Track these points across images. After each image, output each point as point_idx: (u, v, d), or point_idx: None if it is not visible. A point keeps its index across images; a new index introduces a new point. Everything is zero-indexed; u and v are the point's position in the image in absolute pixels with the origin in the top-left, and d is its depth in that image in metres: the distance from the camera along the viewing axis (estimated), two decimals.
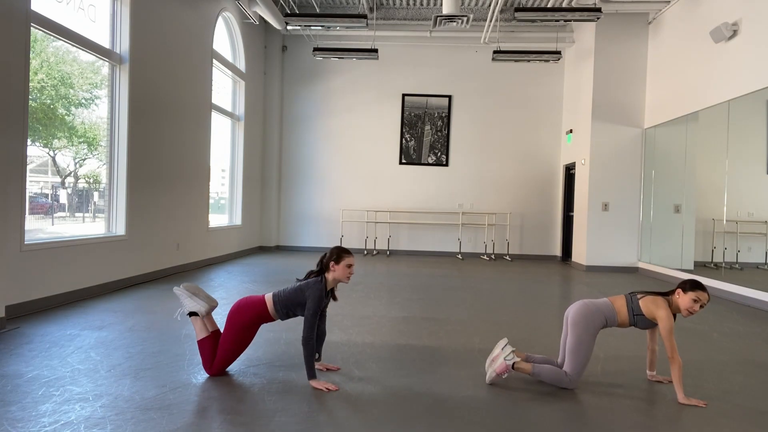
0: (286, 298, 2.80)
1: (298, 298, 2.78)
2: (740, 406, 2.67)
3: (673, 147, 7.63)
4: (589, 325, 2.76)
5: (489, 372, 2.87)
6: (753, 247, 5.79)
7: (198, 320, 2.88)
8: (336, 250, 2.82)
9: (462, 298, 5.62)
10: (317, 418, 2.34)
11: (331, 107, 10.55)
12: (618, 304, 2.82)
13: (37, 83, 4.62)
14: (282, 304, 2.80)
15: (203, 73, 7.45)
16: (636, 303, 2.79)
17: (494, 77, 10.44)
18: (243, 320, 2.81)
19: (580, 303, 2.87)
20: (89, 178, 5.46)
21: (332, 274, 2.79)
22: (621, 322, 2.81)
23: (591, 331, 2.76)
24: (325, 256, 2.83)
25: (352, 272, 2.91)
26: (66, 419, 2.25)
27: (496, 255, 10.54)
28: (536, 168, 10.48)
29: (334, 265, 2.78)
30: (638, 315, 2.77)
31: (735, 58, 6.19)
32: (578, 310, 2.82)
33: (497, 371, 2.80)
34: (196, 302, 2.88)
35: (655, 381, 3.03)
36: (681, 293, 2.73)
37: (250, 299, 2.86)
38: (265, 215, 10.44)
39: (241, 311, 2.82)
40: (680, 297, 2.72)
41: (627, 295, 2.86)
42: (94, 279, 5.14)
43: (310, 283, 2.78)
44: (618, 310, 2.80)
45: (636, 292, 2.85)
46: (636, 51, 8.57)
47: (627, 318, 2.79)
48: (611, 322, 2.81)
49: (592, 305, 2.82)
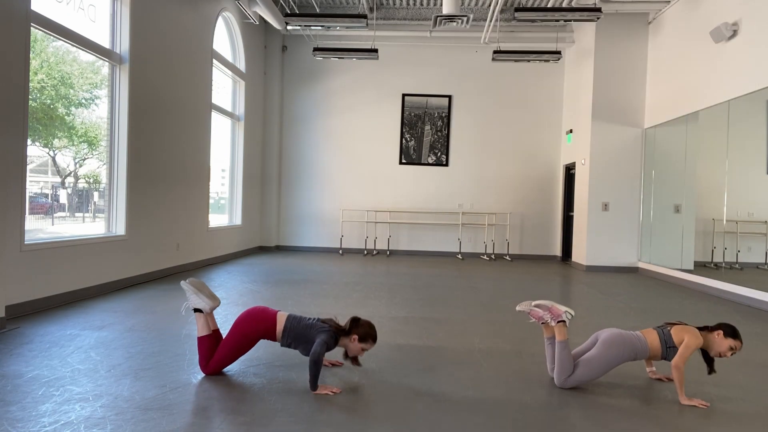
0: (297, 330, 2.78)
1: (309, 336, 2.76)
2: (740, 406, 2.67)
3: (673, 147, 7.63)
4: (618, 353, 2.74)
5: (535, 303, 2.91)
6: (753, 247, 5.79)
7: (201, 317, 2.89)
8: (368, 329, 2.82)
9: (462, 298, 5.62)
10: (317, 418, 2.34)
11: (331, 107, 10.55)
12: (650, 337, 2.78)
13: (37, 83, 4.62)
14: (291, 333, 2.79)
15: (203, 73, 7.45)
16: (668, 335, 2.75)
17: (494, 77, 10.44)
18: (248, 331, 2.82)
19: (617, 330, 2.84)
20: (89, 178, 5.46)
21: (347, 341, 2.81)
22: (652, 356, 2.79)
23: (615, 360, 2.75)
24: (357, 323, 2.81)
25: (362, 355, 2.94)
26: (66, 419, 2.25)
27: (496, 255, 10.54)
28: (536, 168, 10.48)
29: (355, 339, 2.79)
30: (671, 347, 2.73)
31: (735, 58, 6.19)
32: (614, 335, 2.79)
33: (551, 310, 2.85)
34: (201, 299, 2.89)
35: (656, 378, 3.04)
36: (722, 336, 2.68)
37: (262, 312, 2.86)
38: (265, 215, 10.44)
39: (249, 321, 2.83)
40: (719, 339, 2.68)
41: (658, 328, 2.83)
42: (94, 279, 5.14)
43: (325, 329, 2.76)
44: (650, 344, 2.76)
45: (667, 323, 2.82)
46: (636, 51, 8.57)
47: (659, 351, 2.76)
48: (640, 356, 2.78)
49: (627, 338, 2.78)
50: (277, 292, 5.61)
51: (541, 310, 2.89)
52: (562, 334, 2.81)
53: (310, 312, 4.63)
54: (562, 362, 2.79)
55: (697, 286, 6.83)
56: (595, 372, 2.77)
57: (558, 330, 2.82)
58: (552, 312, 2.86)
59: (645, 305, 5.55)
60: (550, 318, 2.85)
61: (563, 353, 2.80)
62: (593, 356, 2.77)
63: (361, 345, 2.80)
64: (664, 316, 5.01)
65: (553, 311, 2.86)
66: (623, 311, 5.16)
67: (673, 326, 2.77)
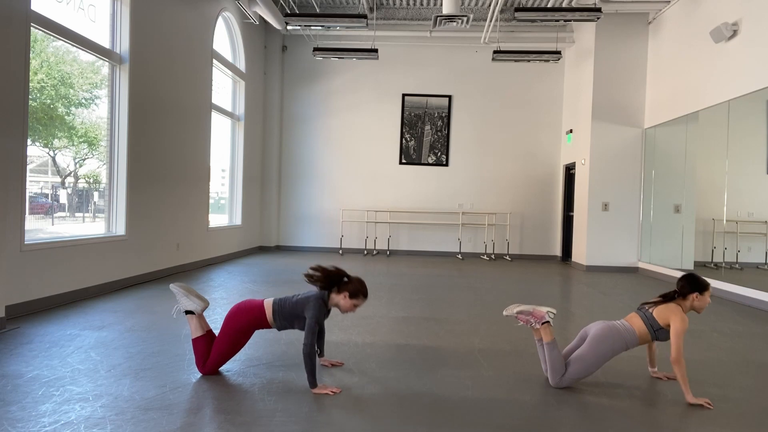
0: (286, 310, 2.78)
1: (298, 311, 2.76)
2: (741, 406, 2.67)
3: (673, 147, 7.63)
4: (609, 347, 2.74)
5: (518, 308, 2.89)
6: (753, 247, 5.79)
7: (194, 319, 2.88)
8: (359, 285, 2.82)
9: (462, 298, 5.62)
10: (317, 418, 2.34)
11: (331, 107, 10.55)
12: (636, 324, 2.78)
13: (37, 83, 4.62)
14: (281, 315, 2.78)
15: (203, 73, 7.45)
16: (651, 316, 2.75)
17: (494, 77, 10.44)
18: (238, 325, 2.81)
19: (604, 323, 2.84)
20: (89, 178, 5.46)
21: (338, 298, 2.79)
22: (642, 342, 2.79)
23: (607, 354, 2.75)
24: (344, 276, 2.80)
25: (354, 311, 2.92)
26: (66, 419, 2.25)
27: (496, 255, 10.54)
28: (536, 168, 10.48)
29: (347, 296, 2.78)
30: (658, 329, 2.73)
31: (735, 58, 6.19)
32: (603, 329, 2.79)
33: (533, 314, 2.84)
34: (192, 301, 2.88)
35: (656, 377, 3.05)
36: (699, 296, 2.73)
37: (247, 303, 2.86)
38: (265, 215, 10.44)
39: (237, 315, 2.82)
40: (698, 299, 2.73)
41: (638, 311, 2.83)
42: (94, 279, 5.14)
43: (311, 298, 2.76)
44: (638, 330, 2.76)
45: (645, 305, 2.82)
46: (636, 51, 8.57)
47: (648, 335, 2.76)
48: (631, 346, 2.78)
49: (615, 330, 2.78)
50: (277, 292, 5.60)
51: (524, 315, 2.87)
52: (548, 335, 2.81)
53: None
54: (553, 363, 2.80)
55: None
56: (589, 368, 2.76)
57: (544, 331, 2.82)
58: (534, 315, 2.85)
59: None
60: (534, 321, 2.84)
61: (552, 354, 2.80)
62: (585, 352, 2.76)
63: (352, 301, 2.80)
64: None
65: (536, 314, 2.85)
66: (623, 311, 5.16)
67: (655, 307, 2.77)
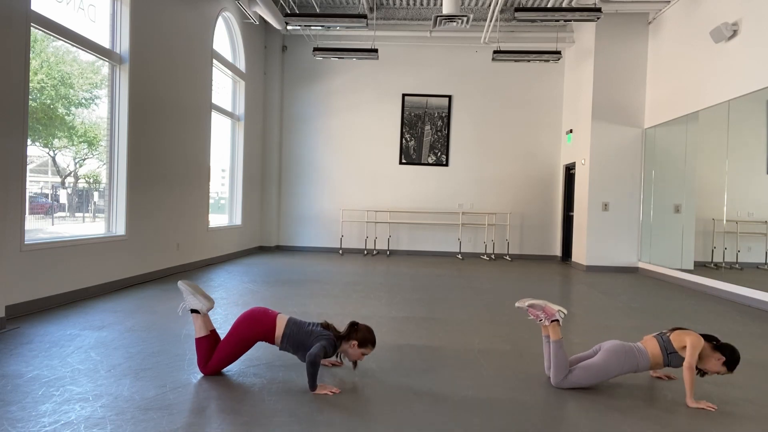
0: (296, 338, 2.79)
1: (307, 343, 2.77)
2: (741, 406, 2.66)
3: (673, 147, 7.63)
4: (618, 364, 2.75)
5: (531, 301, 2.90)
6: (753, 247, 5.79)
7: (198, 318, 2.88)
8: (367, 333, 2.84)
9: (462, 298, 5.62)
10: (317, 418, 2.34)
11: (331, 107, 10.55)
12: (650, 346, 2.77)
13: (37, 83, 4.62)
14: (289, 339, 2.80)
15: (203, 73, 7.45)
16: (667, 341, 2.75)
17: (494, 77, 10.44)
18: (247, 333, 2.82)
19: (619, 341, 2.84)
20: (89, 178, 5.46)
21: (347, 346, 2.82)
22: (654, 366, 2.78)
23: (615, 370, 2.75)
24: (355, 328, 2.83)
25: (362, 359, 2.96)
26: (66, 419, 2.25)
27: (496, 255, 10.54)
28: (536, 168, 10.48)
29: (355, 345, 2.80)
30: (672, 353, 2.72)
31: (735, 58, 6.19)
32: (617, 345, 2.80)
33: (544, 310, 2.86)
34: (198, 300, 2.88)
35: (656, 377, 3.05)
36: (720, 359, 2.64)
37: (261, 313, 2.86)
38: (265, 215, 10.44)
39: (249, 323, 2.83)
40: (717, 360, 2.65)
41: (657, 335, 2.82)
42: (94, 279, 5.14)
43: (324, 336, 2.77)
44: (651, 353, 2.75)
45: (665, 331, 2.82)
46: (636, 51, 8.57)
47: (660, 358, 2.75)
48: (642, 368, 2.77)
49: (629, 349, 2.78)
50: (277, 292, 5.61)
51: (536, 309, 2.90)
52: (556, 333, 2.82)
53: (311, 313, 4.63)
54: (557, 362, 2.80)
55: (697, 286, 6.83)
56: (593, 378, 2.77)
57: (552, 329, 2.83)
58: (546, 312, 2.87)
59: (645, 305, 5.55)
60: (544, 317, 2.86)
61: (558, 353, 2.81)
62: (594, 363, 2.77)
63: (360, 350, 2.82)
64: (664, 316, 5.01)
65: (547, 311, 2.87)
66: (623, 311, 5.16)
67: (673, 332, 2.77)
